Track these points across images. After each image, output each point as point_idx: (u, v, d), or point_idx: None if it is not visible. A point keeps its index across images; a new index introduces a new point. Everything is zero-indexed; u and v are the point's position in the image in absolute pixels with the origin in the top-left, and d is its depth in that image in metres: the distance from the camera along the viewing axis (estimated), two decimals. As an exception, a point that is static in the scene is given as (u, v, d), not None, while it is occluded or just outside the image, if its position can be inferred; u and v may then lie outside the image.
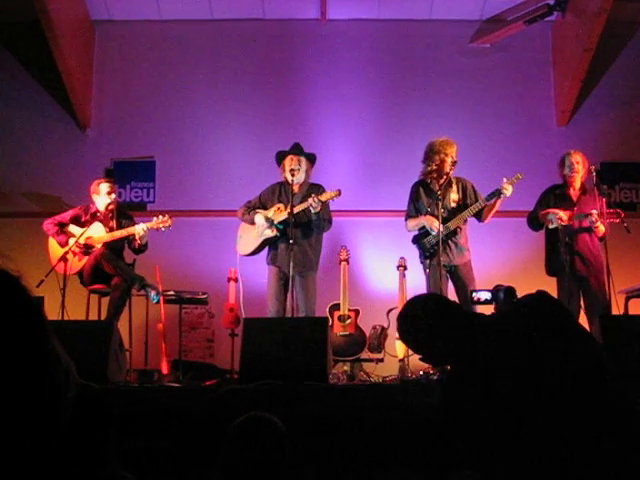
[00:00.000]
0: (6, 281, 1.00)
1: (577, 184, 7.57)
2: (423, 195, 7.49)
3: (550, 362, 2.62)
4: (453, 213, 7.31)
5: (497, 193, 7.13)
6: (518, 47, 9.78)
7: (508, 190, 7.09)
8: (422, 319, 2.96)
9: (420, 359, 3.07)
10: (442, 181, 7.29)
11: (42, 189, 9.60)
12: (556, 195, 7.59)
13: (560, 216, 7.31)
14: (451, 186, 7.39)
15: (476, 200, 7.38)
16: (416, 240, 7.51)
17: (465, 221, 7.42)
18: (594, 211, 7.19)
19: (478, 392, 2.66)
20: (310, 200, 7.13)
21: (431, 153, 7.40)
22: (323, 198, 7.18)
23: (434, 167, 7.39)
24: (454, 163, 7.28)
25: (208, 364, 8.51)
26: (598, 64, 9.20)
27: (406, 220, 7.59)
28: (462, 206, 7.38)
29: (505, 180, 7.11)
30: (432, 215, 7.30)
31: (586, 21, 8.81)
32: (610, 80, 9.66)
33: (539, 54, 9.94)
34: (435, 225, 7.15)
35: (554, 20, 9.71)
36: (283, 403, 5.12)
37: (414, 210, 7.53)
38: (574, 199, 7.54)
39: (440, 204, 7.16)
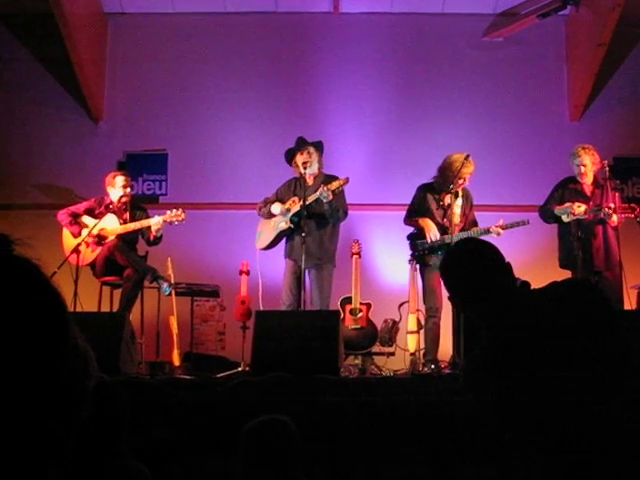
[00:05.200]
0: (27, 269, 1.01)
1: (589, 180, 7.54)
2: (431, 200, 7.57)
3: (577, 352, 2.62)
4: (456, 225, 7.39)
5: (486, 231, 7.35)
6: (531, 41, 9.73)
7: (498, 235, 7.26)
8: (480, 258, 2.92)
9: (449, 297, 3.03)
10: (450, 192, 7.40)
11: (54, 181, 9.62)
12: (570, 190, 7.56)
13: (573, 210, 7.30)
14: (457, 197, 7.42)
15: (470, 212, 7.62)
16: (411, 238, 7.61)
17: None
18: (611, 205, 7.19)
19: (507, 363, 2.65)
20: (320, 190, 7.15)
21: (449, 172, 7.41)
22: (332, 187, 7.20)
23: (447, 183, 7.45)
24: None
25: (219, 357, 8.53)
26: (611, 59, 9.14)
27: (408, 218, 7.69)
28: (464, 217, 7.56)
29: (502, 222, 7.35)
30: (435, 221, 7.47)
31: (600, 15, 8.77)
32: (623, 75, 9.61)
33: (552, 48, 9.90)
34: (432, 233, 7.37)
35: (568, 14, 9.66)
36: (294, 396, 5.13)
37: (414, 211, 7.64)
38: (588, 194, 7.51)
39: (445, 214, 7.44)
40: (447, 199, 7.45)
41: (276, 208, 7.48)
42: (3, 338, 0.94)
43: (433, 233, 7.35)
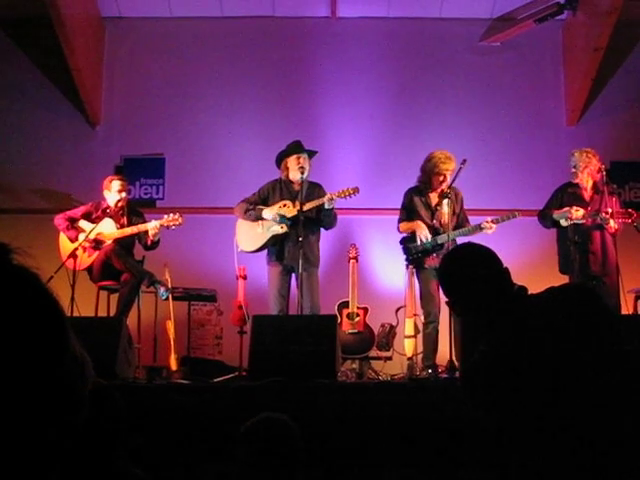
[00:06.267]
0: (26, 277, 1.01)
1: (587, 184, 7.53)
2: (418, 203, 7.54)
3: (577, 354, 2.63)
4: (447, 225, 7.36)
5: (478, 228, 7.36)
6: (528, 46, 9.75)
7: (490, 229, 7.29)
8: (479, 263, 2.93)
9: (447, 303, 3.04)
10: (438, 192, 7.41)
11: (51, 186, 9.61)
12: (569, 194, 7.55)
13: (571, 214, 7.29)
14: (445, 197, 7.40)
15: (460, 211, 7.56)
16: (403, 242, 7.59)
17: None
18: (609, 209, 7.19)
19: (507, 366, 2.67)
20: (328, 196, 7.14)
21: (428, 169, 7.45)
22: (342, 195, 7.19)
23: (429, 181, 7.47)
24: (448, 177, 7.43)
25: (216, 361, 8.51)
26: (608, 63, 9.15)
27: (399, 223, 7.64)
28: (455, 216, 7.50)
29: (490, 220, 7.33)
30: (425, 223, 7.44)
31: (597, 20, 8.78)
32: (620, 79, 9.62)
33: (549, 53, 9.91)
34: (423, 235, 7.33)
35: (565, 19, 9.67)
36: (292, 400, 5.13)
37: (406, 215, 7.60)
38: (587, 199, 7.50)
39: (434, 215, 7.40)
40: (433, 199, 7.45)
41: (268, 214, 7.41)
42: (1, 347, 0.94)
43: (424, 234, 7.33)
